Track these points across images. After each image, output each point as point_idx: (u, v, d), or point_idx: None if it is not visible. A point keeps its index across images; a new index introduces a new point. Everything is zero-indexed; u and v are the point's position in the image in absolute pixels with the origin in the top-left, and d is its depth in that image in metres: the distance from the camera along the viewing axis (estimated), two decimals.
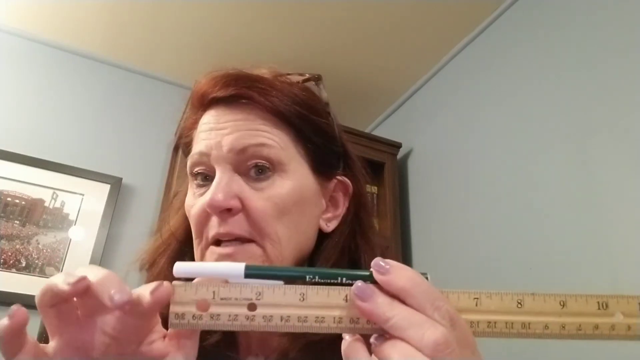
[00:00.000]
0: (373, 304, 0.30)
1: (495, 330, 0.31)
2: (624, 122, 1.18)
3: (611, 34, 1.28)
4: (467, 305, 0.32)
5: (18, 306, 0.30)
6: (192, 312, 0.30)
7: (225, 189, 0.47)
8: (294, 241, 0.50)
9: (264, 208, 0.48)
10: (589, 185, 1.22)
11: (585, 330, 0.32)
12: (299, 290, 0.31)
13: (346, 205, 0.56)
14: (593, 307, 0.32)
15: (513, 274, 1.35)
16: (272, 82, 0.53)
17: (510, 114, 1.54)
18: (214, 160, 0.50)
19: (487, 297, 0.32)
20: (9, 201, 1.69)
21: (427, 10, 1.72)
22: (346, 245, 0.54)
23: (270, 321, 0.30)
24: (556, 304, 0.32)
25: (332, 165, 0.56)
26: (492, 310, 0.32)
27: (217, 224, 0.48)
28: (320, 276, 0.32)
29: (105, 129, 1.95)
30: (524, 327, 0.31)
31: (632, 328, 0.32)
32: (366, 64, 2.00)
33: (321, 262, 0.52)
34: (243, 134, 0.50)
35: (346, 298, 0.31)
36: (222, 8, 1.79)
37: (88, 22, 1.89)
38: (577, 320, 0.32)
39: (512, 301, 0.32)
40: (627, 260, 1.08)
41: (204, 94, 0.54)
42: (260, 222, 0.48)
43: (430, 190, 1.86)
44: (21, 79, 1.89)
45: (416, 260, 1.82)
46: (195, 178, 0.52)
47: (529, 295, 0.32)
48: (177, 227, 0.58)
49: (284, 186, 0.49)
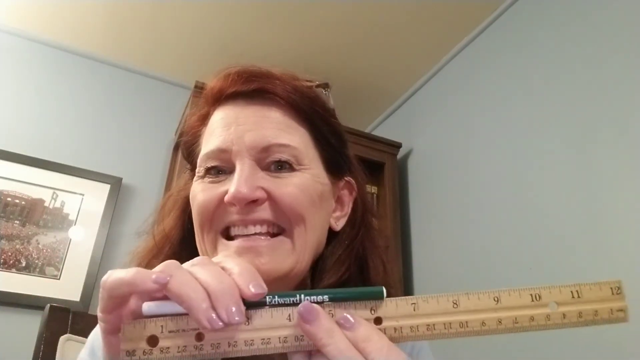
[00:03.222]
0: (315, 327, 0.31)
1: (435, 332, 0.32)
2: (624, 122, 1.18)
3: (611, 34, 1.28)
4: (406, 311, 0.33)
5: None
6: (143, 347, 0.31)
7: (249, 181, 0.46)
8: (316, 234, 0.50)
9: (294, 195, 0.48)
10: (589, 184, 1.22)
11: (522, 323, 0.32)
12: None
13: (351, 205, 0.57)
14: (527, 300, 0.33)
15: (513, 273, 1.35)
16: (291, 81, 0.53)
17: (510, 114, 1.54)
18: (234, 155, 0.48)
19: (423, 301, 0.33)
20: (9, 201, 1.69)
21: (427, 10, 1.73)
22: (355, 247, 0.54)
23: (218, 348, 0.31)
24: (490, 300, 0.33)
25: (342, 167, 0.57)
26: (430, 313, 0.33)
27: (238, 211, 0.47)
28: (280, 297, 0.33)
29: (105, 129, 1.95)
30: (462, 326, 0.32)
31: (567, 316, 0.33)
32: (366, 64, 2.00)
33: (333, 262, 0.52)
34: (266, 132, 0.49)
35: (289, 317, 0.32)
36: (222, 8, 1.79)
37: (88, 22, 1.89)
38: (512, 314, 0.33)
39: (447, 302, 0.33)
40: (627, 260, 1.08)
41: (221, 89, 0.52)
42: (293, 206, 0.47)
43: (430, 190, 1.86)
44: (21, 79, 1.89)
45: (416, 260, 1.82)
46: (207, 172, 0.51)
47: (464, 294, 0.33)
48: (170, 229, 0.56)
49: (306, 178, 0.50)
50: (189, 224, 0.54)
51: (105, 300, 0.32)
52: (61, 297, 1.62)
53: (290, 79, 0.54)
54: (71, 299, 1.63)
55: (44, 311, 0.86)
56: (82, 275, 1.68)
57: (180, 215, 0.57)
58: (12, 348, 1.35)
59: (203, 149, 0.52)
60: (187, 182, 0.58)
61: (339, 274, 0.50)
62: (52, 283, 1.65)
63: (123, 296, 0.32)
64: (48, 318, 0.84)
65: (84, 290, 1.67)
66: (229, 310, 0.30)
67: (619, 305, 0.33)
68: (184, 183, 0.59)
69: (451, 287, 1.59)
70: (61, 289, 1.65)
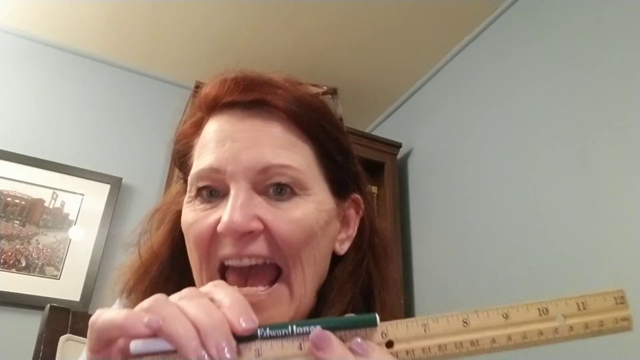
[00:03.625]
0: (328, 354, 0.30)
1: (447, 352, 0.32)
2: (623, 122, 1.18)
3: (611, 33, 1.28)
4: (417, 333, 0.33)
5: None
6: None
7: (245, 209, 0.42)
8: (315, 270, 0.46)
9: (292, 231, 0.43)
10: (589, 184, 1.22)
11: (531, 338, 0.33)
12: (254, 347, 0.31)
13: (357, 225, 0.53)
14: (534, 314, 0.33)
15: (513, 274, 1.35)
16: (295, 91, 0.48)
17: (510, 113, 1.54)
18: (229, 176, 0.44)
19: (433, 321, 0.33)
20: (9, 201, 1.69)
21: (427, 10, 1.73)
22: (360, 276, 0.50)
23: None
24: (499, 317, 0.33)
25: (348, 185, 0.52)
26: (441, 334, 0.33)
27: (232, 243, 0.43)
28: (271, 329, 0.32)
29: (105, 129, 1.95)
30: (472, 345, 0.33)
31: (574, 328, 0.33)
32: (366, 64, 2.00)
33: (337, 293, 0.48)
34: (265, 151, 0.44)
35: (300, 346, 0.32)
36: (222, 8, 1.79)
37: (88, 22, 1.89)
38: (521, 329, 0.33)
39: (458, 321, 0.33)
40: (627, 260, 1.08)
41: (216, 97, 0.47)
42: (288, 247, 0.43)
43: (430, 190, 1.86)
44: (21, 79, 1.89)
45: (416, 260, 1.82)
46: (198, 193, 0.46)
47: (473, 312, 0.33)
48: (159, 245, 0.52)
49: (309, 208, 0.45)
50: (180, 241, 0.50)
51: (93, 340, 0.31)
52: (61, 297, 1.62)
53: (293, 87, 0.48)
54: (71, 299, 1.63)
55: (44, 311, 0.86)
56: (82, 275, 1.68)
57: (170, 231, 0.53)
58: (12, 348, 1.35)
59: (195, 165, 0.47)
60: (178, 194, 0.55)
61: (343, 306, 0.47)
62: (52, 283, 1.65)
63: (111, 339, 0.31)
64: (48, 318, 0.84)
65: (84, 290, 1.67)
66: (220, 347, 0.28)
67: (623, 314, 0.33)
68: (175, 195, 0.55)
69: (451, 287, 1.59)
70: (61, 289, 1.65)
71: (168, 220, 0.54)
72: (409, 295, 1.75)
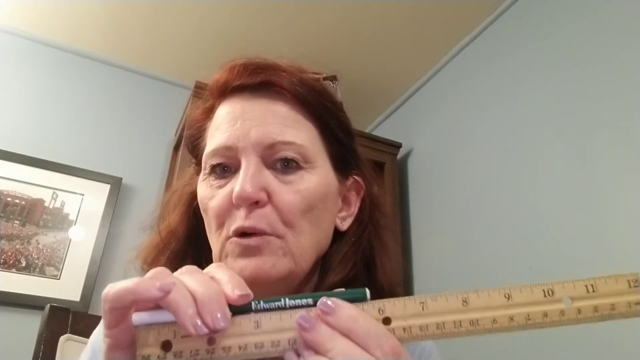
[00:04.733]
0: (315, 335, 0.31)
1: (445, 330, 0.32)
2: (623, 122, 1.18)
3: (611, 33, 1.28)
4: (415, 311, 0.32)
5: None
6: (157, 352, 0.31)
7: (254, 180, 0.46)
8: (315, 237, 0.49)
9: (293, 202, 0.47)
10: (589, 184, 1.22)
11: (535, 320, 0.32)
12: (253, 319, 0.32)
13: (358, 205, 0.56)
14: (539, 296, 0.32)
15: (513, 273, 1.35)
16: (298, 74, 0.52)
17: (510, 113, 1.54)
18: (240, 152, 0.48)
19: (432, 300, 0.33)
20: (9, 201, 1.69)
21: (427, 10, 1.73)
22: (361, 245, 0.53)
23: (230, 351, 0.31)
24: (501, 297, 0.32)
25: (349, 163, 0.56)
26: (439, 312, 0.32)
27: (243, 216, 0.46)
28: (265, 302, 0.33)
29: (105, 129, 1.95)
30: (472, 324, 0.32)
31: (582, 311, 0.32)
32: (366, 64, 2.00)
33: (339, 260, 0.51)
34: (272, 128, 0.48)
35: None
36: (222, 8, 1.79)
37: (88, 22, 1.89)
38: (524, 310, 0.32)
39: (457, 301, 0.32)
40: (627, 260, 1.08)
41: (227, 82, 0.51)
42: (288, 216, 0.47)
43: (430, 190, 1.86)
44: (21, 79, 1.90)
45: (416, 260, 1.82)
46: (213, 170, 0.50)
47: (473, 292, 0.32)
48: (176, 225, 0.56)
49: (312, 181, 0.49)
50: (195, 219, 0.54)
51: (108, 313, 0.32)
52: (61, 297, 1.62)
53: (297, 71, 0.52)
54: (71, 299, 1.63)
55: (44, 311, 0.86)
56: (82, 275, 1.69)
57: (186, 211, 0.56)
58: (12, 348, 1.35)
59: (208, 145, 0.51)
60: (192, 177, 0.58)
61: (345, 272, 0.50)
62: (52, 283, 1.65)
63: (125, 307, 0.32)
64: (48, 318, 0.85)
65: (84, 290, 1.67)
66: (214, 316, 0.30)
67: (637, 298, 0.32)
68: (189, 178, 0.59)
69: (451, 287, 1.59)
70: (61, 289, 1.65)
71: (183, 202, 0.57)
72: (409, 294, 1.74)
